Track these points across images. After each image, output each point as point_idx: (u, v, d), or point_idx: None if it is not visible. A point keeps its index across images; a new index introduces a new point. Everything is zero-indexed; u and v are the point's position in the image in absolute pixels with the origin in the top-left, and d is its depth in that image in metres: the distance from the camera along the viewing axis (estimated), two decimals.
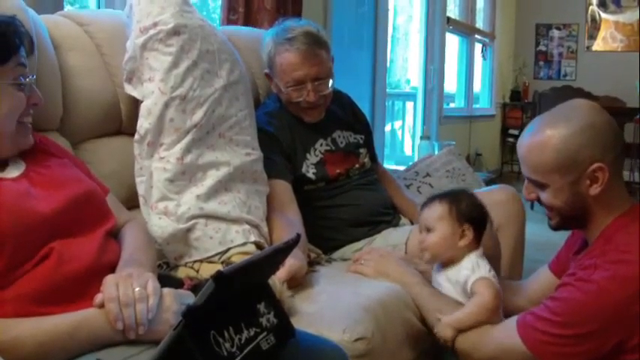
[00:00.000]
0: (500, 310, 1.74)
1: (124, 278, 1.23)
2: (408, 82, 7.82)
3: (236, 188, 1.94)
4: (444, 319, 1.74)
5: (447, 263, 1.85)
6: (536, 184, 1.67)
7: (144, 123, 1.86)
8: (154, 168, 1.85)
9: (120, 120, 1.96)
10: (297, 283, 1.76)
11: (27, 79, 1.39)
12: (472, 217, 1.84)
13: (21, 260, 1.23)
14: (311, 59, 2.22)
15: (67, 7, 2.50)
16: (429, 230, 1.85)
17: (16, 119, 1.37)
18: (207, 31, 2.00)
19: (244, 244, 1.86)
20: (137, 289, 1.20)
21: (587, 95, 5.83)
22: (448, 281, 1.84)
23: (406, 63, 7.94)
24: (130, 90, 1.92)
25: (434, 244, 1.83)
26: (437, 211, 1.84)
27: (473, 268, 1.78)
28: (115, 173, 1.88)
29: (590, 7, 8.50)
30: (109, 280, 1.23)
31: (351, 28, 4.73)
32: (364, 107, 4.39)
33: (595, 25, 8.52)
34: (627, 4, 8.28)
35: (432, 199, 1.89)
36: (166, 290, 1.27)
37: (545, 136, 1.62)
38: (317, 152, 2.31)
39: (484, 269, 1.79)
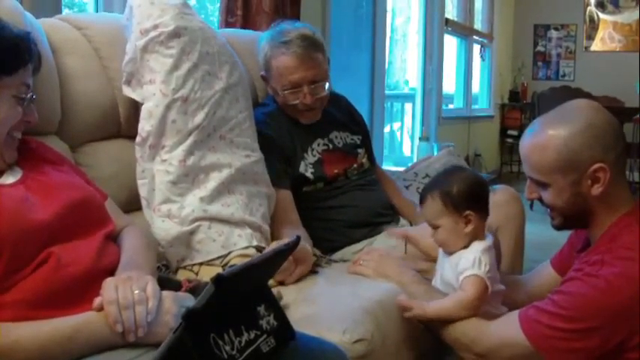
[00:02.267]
0: (479, 310, 1.72)
1: (123, 281, 1.23)
2: (406, 83, 7.82)
3: (238, 190, 1.95)
4: (424, 303, 1.72)
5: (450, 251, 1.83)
6: (538, 183, 1.67)
7: (145, 125, 1.86)
8: (157, 170, 1.85)
9: (119, 123, 1.96)
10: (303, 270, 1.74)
11: (27, 95, 1.40)
12: (469, 200, 1.77)
13: (19, 265, 1.23)
14: (307, 62, 2.22)
15: (66, 11, 2.50)
16: (434, 227, 1.82)
17: (7, 131, 1.38)
18: (207, 34, 2.01)
19: (246, 247, 1.86)
20: (136, 291, 1.20)
21: (586, 95, 5.83)
22: (450, 267, 1.81)
23: (404, 64, 7.95)
24: (129, 92, 1.92)
25: (443, 241, 1.81)
26: (432, 208, 1.79)
27: (474, 263, 1.74)
28: (114, 176, 1.88)
29: (588, 8, 8.51)
30: (109, 282, 1.23)
31: (350, 30, 4.73)
32: (363, 109, 4.40)
33: (593, 25, 8.53)
34: (625, 4, 8.29)
35: (424, 194, 1.82)
36: (166, 293, 1.27)
37: (546, 137, 1.62)
38: (315, 152, 2.31)
39: (483, 267, 1.74)
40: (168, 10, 1.92)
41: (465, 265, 1.74)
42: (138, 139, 1.88)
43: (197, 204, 1.85)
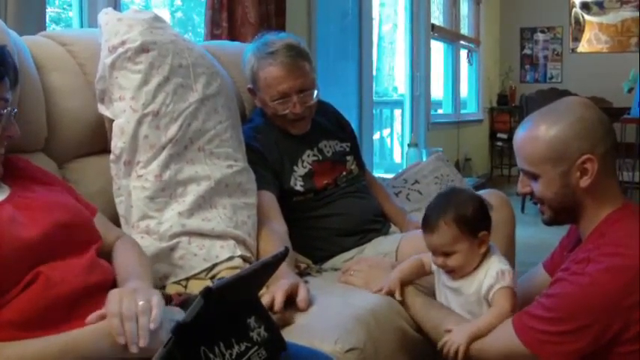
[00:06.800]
0: None
1: (128, 293, 1.24)
2: (395, 89, 7.85)
3: (222, 204, 1.93)
4: (460, 327, 1.71)
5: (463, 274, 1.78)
6: (529, 175, 1.70)
7: (118, 142, 1.85)
8: (133, 187, 1.84)
9: (105, 139, 1.95)
10: (302, 298, 1.71)
11: (5, 111, 1.38)
12: (482, 220, 1.76)
13: (7, 286, 1.22)
14: (295, 71, 2.22)
15: (52, 26, 2.50)
16: (447, 254, 1.75)
17: None
18: (181, 46, 2.00)
19: (231, 258, 1.85)
20: (141, 302, 1.20)
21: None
22: (459, 293, 1.79)
23: (393, 71, 7.98)
24: (103, 110, 1.91)
25: (459, 266, 1.75)
26: (447, 235, 1.73)
27: (497, 276, 1.72)
28: (101, 192, 1.87)
29: (574, 10, 8.56)
30: (114, 294, 1.24)
31: (336, 39, 4.74)
32: (352, 116, 4.39)
33: (579, 27, 8.58)
34: (610, 5, 8.35)
35: (434, 221, 1.74)
36: None
37: (538, 130, 1.66)
38: (305, 164, 2.30)
39: (508, 277, 1.72)
40: (135, 26, 1.92)
41: (491, 282, 1.73)
42: (112, 156, 1.86)
43: (175, 219, 1.83)
